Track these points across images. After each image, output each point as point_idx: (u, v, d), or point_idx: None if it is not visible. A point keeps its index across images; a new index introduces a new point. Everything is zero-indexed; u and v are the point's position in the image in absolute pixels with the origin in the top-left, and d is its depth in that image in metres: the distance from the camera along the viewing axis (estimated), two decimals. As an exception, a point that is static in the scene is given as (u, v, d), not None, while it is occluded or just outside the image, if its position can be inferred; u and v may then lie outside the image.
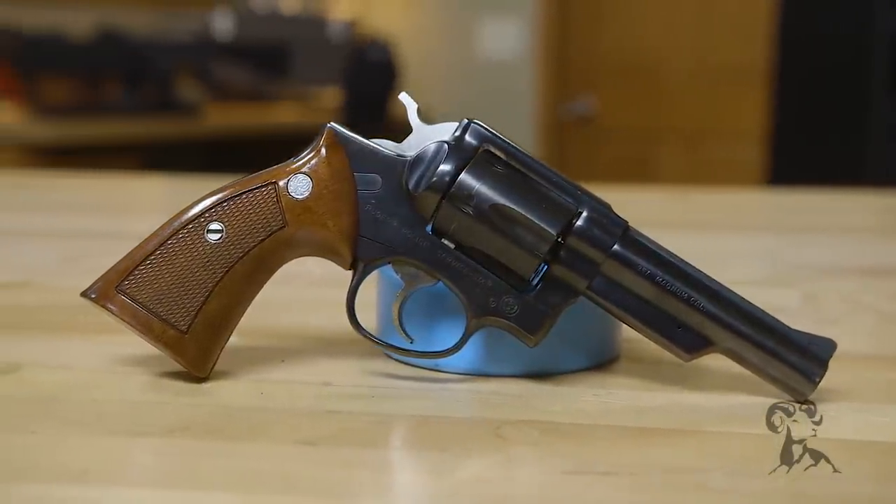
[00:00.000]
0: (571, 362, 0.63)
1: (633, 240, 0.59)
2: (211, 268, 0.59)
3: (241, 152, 3.20)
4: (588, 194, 0.60)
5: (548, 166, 0.60)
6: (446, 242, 0.59)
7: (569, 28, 3.95)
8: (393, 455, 0.53)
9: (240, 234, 0.59)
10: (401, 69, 3.66)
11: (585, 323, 0.63)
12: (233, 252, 0.59)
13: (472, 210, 0.58)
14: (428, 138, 0.60)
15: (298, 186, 0.59)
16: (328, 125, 0.61)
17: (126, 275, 0.59)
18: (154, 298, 0.58)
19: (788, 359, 0.57)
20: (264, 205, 0.59)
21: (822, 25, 3.39)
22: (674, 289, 0.58)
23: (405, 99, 0.61)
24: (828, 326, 0.76)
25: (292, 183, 0.59)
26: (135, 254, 0.59)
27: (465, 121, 0.60)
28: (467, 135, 0.60)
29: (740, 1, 3.70)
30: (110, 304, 0.58)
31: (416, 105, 0.61)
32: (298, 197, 0.59)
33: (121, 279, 0.58)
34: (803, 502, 0.46)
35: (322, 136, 0.60)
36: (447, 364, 0.62)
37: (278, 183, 0.60)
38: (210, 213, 0.59)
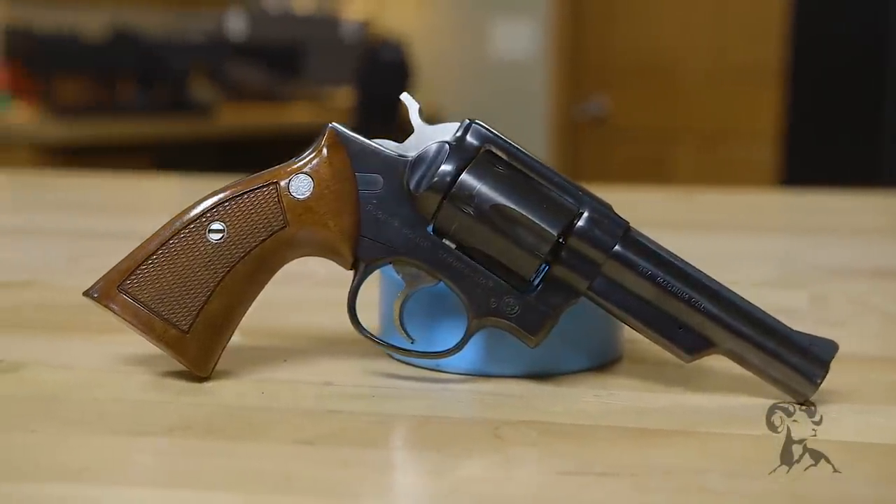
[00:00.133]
0: (573, 363, 0.63)
1: (635, 240, 0.58)
2: (212, 267, 0.59)
3: (255, 152, 3.20)
4: (589, 195, 0.59)
5: (549, 167, 0.60)
6: (447, 243, 0.59)
7: (582, 28, 3.94)
8: (392, 455, 0.53)
9: (241, 234, 0.59)
10: (414, 69, 3.66)
11: (587, 323, 0.63)
12: (234, 252, 0.59)
13: (473, 210, 0.58)
14: (429, 138, 0.60)
15: (300, 186, 0.59)
16: (330, 125, 0.61)
17: (128, 274, 0.59)
18: (156, 298, 0.58)
19: (789, 360, 0.57)
20: (265, 205, 0.59)
21: (837, 25, 3.38)
22: (675, 289, 0.58)
23: (406, 99, 0.61)
24: (834, 328, 0.75)
25: (294, 183, 0.60)
26: (137, 253, 0.59)
27: (467, 121, 0.60)
28: (469, 135, 0.59)
29: (754, 1, 3.69)
30: (112, 304, 0.58)
31: (418, 105, 0.61)
32: (300, 197, 0.59)
33: (123, 278, 0.59)
34: (802, 504, 0.46)
35: (323, 137, 0.60)
36: (448, 364, 0.62)
37: (280, 183, 0.60)
38: (212, 213, 0.59)
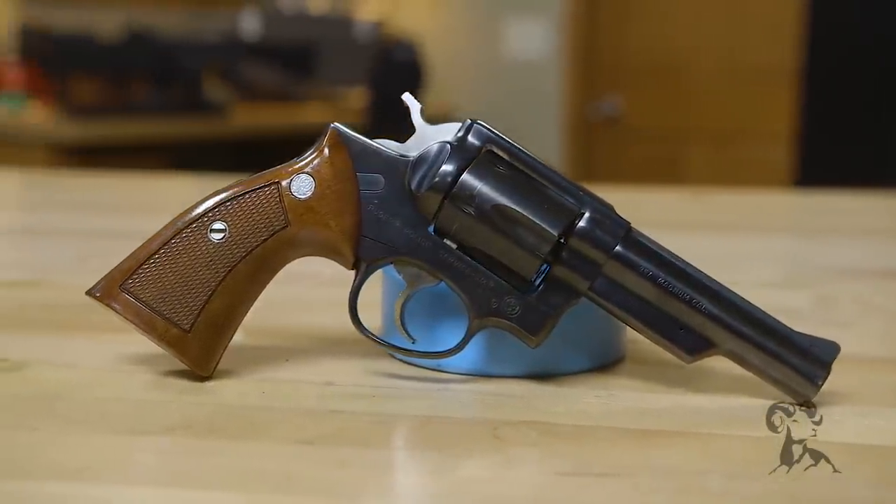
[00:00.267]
0: (574, 363, 0.63)
1: (636, 241, 0.58)
2: (214, 267, 0.59)
3: (268, 152, 3.20)
4: (591, 195, 0.59)
5: (551, 167, 0.60)
6: (448, 243, 0.59)
7: (596, 28, 3.94)
8: (392, 455, 0.53)
9: (243, 234, 0.59)
10: (427, 69, 3.66)
11: (589, 324, 0.63)
12: (236, 251, 0.59)
13: (474, 210, 0.58)
14: (431, 139, 0.60)
15: (301, 186, 0.60)
16: (331, 125, 0.61)
17: (130, 273, 0.59)
18: (157, 297, 0.59)
19: (790, 361, 0.57)
20: (267, 205, 0.59)
21: (851, 26, 3.37)
22: (676, 290, 0.58)
23: (408, 99, 0.61)
24: (838, 329, 0.75)
25: (295, 183, 0.60)
26: (139, 253, 0.59)
27: (468, 121, 0.60)
28: (470, 135, 0.60)
29: (769, 1, 3.68)
30: (114, 303, 0.59)
31: (420, 105, 0.61)
32: (301, 197, 0.59)
33: (125, 278, 0.59)
34: (800, 506, 0.46)
35: (325, 137, 0.60)
36: (450, 364, 0.62)
37: (281, 183, 0.60)
38: (213, 213, 0.59)
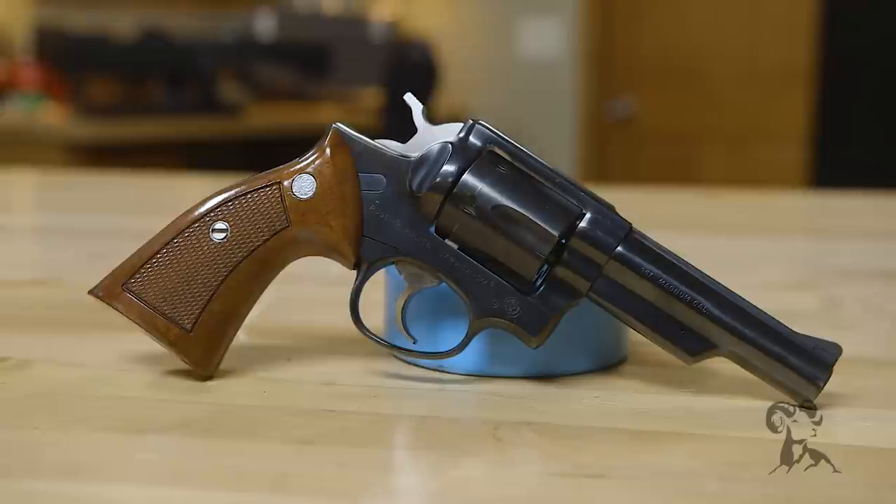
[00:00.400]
0: (576, 364, 0.63)
1: (637, 242, 0.58)
2: (215, 267, 0.59)
3: (282, 152, 3.21)
4: (592, 196, 0.59)
5: (553, 168, 0.60)
6: (449, 243, 0.59)
7: (611, 29, 3.93)
8: (388, 455, 0.52)
9: (244, 234, 0.59)
10: (441, 70, 3.66)
11: (591, 325, 0.63)
12: (237, 251, 0.59)
13: (475, 211, 0.58)
14: (432, 139, 0.60)
15: (302, 186, 0.60)
16: (333, 125, 0.61)
17: (132, 273, 0.59)
18: (159, 297, 0.59)
19: (792, 362, 0.56)
20: (269, 205, 0.60)
21: (867, 26, 3.35)
22: (677, 291, 0.57)
23: (410, 100, 0.61)
24: (843, 331, 0.75)
25: (296, 183, 0.60)
26: (142, 252, 0.60)
27: (470, 121, 0.60)
28: (471, 136, 0.60)
29: (784, 2, 3.67)
30: (116, 302, 0.59)
31: (422, 106, 0.61)
32: (302, 197, 0.60)
33: (127, 277, 0.59)
34: (796, 508, 0.46)
35: (327, 137, 0.61)
36: (451, 364, 0.62)
37: (283, 183, 0.60)
38: (215, 213, 0.60)
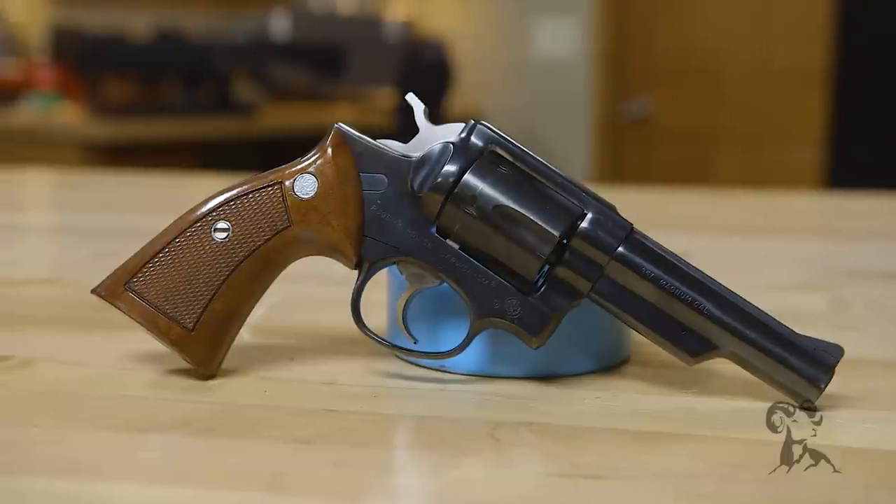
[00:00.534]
0: (579, 365, 0.63)
1: (638, 242, 0.58)
2: (217, 266, 0.59)
3: (297, 152, 3.21)
4: (594, 196, 0.59)
5: (554, 168, 0.60)
6: (450, 243, 0.59)
7: (626, 29, 3.92)
8: (389, 455, 0.53)
9: (246, 234, 0.60)
10: (456, 70, 3.66)
11: (593, 325, 0.63)
12: (239, 251, 0.59)
13: (476, 211, 0.58)
14: (434, 139, 0.60)
15: (304, 186, 0.60)
16: (335, 125, 0.61)
17: (135, 272, 0.59)
18: (161, 296, 0.59)
19: (793, 364, 0.56)
20: (270, 204, 0.60)
21: (883, 26, 3.34)
22: (678, 292, 0.57)
23: (412, 100, 0.61)
24: (848, 332, 0.74)
25: (298, 183, 0.60)
26: (144, 252, 0.60)
27: (472, 122, 0.60)
28: (473, 136, 0.60)
29: (799, 2, 3.66)
30: (118, 301, 0.59)
31: (423, 106, 0.61)
32: (304, 196, 0.60)
33: (129, 276, 0.59)
34: (794, 510, 0.46)
35: (329, 137, 0.61)
36: (453, 365, 0.62)
37: (284, 183, 0.60)
38: (217, 212, 0.60)
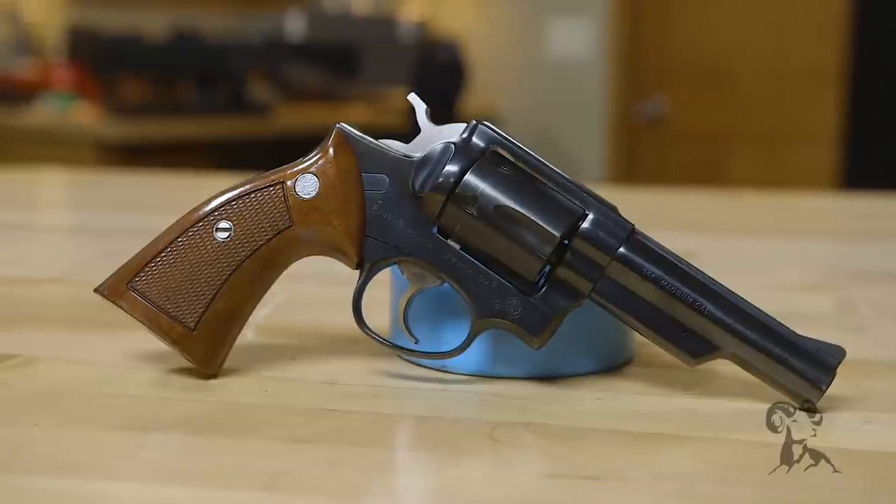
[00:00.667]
0: (581, 365, 0.63)
1: (639, 243, 0.58)
2: (219, 266, 0.59)
3: (311, 152, 3.22)
4: (595, 197, 0.59)
5: (556, 168, 0.60)
6: (451, 243, 0.59)
7: (640, 29, 3.92)
8: (389, 454, 0.53)
9: (247, 233, 0.60)
10: (470, 70, 3.66)
11: (596, 326, 0.63)
12: (240, 251, 0.60)
13: (477, 211, 0.58)
14: (436, 139, 0.60)
15: (306, 186, 0.60)
16: (337, 125, 0.61)
17: (137, 272, 0.60)
18: (163, 295, 0.59)
19: (794, 365, 0.56)
20: (272, 204, 0.60)
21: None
22: (679, 293, 0.57)
23: (413, 100, 0.61)
24: (852, 333, 0.74)
25: (300, 182, 0.60)
26: (146, 251, 0.60)
27: (473, 122, 0.60)
28: (474, 136, 0.60)
29: (815, 2, 3.64)
30: (121, 301, 0.59)
31: (425, 106, 0.61)
32: (306, 196, 0.60)
33: (132, 276, 0.60)
34: (791, 512, 0.46)
35: (330, 137, 0.61)
36: (454, 365, 0.62)
37: (286, 183, 0.60)
38: (219, 212, 0.60)
